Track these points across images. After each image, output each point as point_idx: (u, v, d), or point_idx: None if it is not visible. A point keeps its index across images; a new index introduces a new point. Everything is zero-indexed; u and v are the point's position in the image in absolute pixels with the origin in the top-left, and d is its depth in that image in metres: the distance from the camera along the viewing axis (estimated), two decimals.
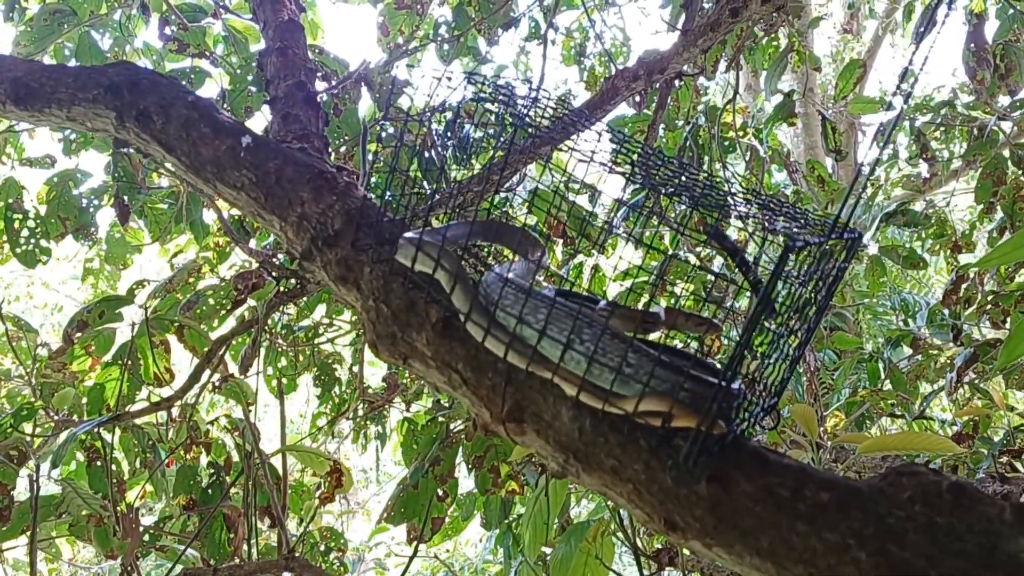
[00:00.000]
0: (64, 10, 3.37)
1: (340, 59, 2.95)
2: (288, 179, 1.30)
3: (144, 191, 3.35)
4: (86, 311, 2.43)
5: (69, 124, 1.56)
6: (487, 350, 1.03)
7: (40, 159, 3.40)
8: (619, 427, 0.96)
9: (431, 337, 1.08)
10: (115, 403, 2.51)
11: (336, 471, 2.23)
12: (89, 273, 4.18)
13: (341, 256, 1.18)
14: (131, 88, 1.47)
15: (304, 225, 1.24)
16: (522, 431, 1.01)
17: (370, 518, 8.45)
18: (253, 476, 2.12)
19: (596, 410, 0.96)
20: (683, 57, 2.29)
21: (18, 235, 3.29)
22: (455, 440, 2.20)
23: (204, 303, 2.92)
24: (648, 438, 0.94)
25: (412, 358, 1.11)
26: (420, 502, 2.08)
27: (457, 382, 1.06)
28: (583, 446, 0.97)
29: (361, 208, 1.21)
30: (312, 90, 1.71)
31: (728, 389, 0.88)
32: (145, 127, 1.44)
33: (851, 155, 7.78)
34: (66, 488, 2.36)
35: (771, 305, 0.81)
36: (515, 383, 1.02)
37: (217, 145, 1.37)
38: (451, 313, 1.07)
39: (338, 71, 2.91)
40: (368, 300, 1.13)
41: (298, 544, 2.61)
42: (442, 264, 1.04)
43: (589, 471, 0.97)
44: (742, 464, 0.90)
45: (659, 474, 0.92)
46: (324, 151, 1.49)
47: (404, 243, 1.09)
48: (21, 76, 1.57)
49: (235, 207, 1.38)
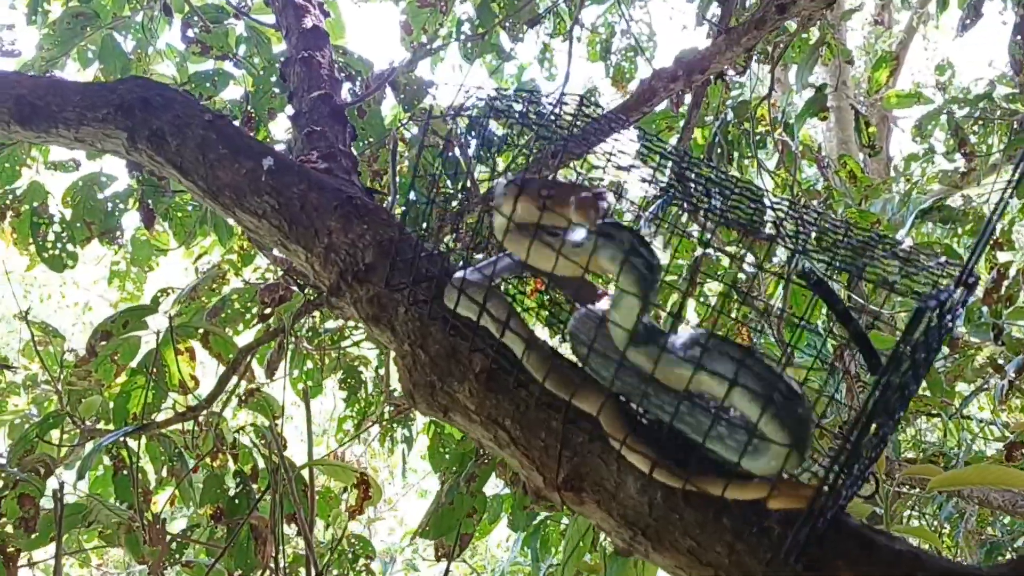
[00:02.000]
0: (87, 13, 3.35)
1: (364, 59, 2.90)
2: (314, 206, 1.19)
3: (169, 194, 3.33)
4: (110, 321, 2.40)
5: (78, 145, 1.47)
6: (538, 405, 0.92)
7: (65, 163, 3.39)
8: (696, 502, 0.84)
9: (474, 388, 0.97)
10: (140, 411, 2.48)
11: (363, 483, 2.18)
12: (115, 276, 4.18)
13: (373, 294, 1.07)
14: (143, 106, 1.37)
15: (332, 257, 1.13)
16: (580, 501, 0.90)
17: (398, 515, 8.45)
18: (280, 489, 2.08)
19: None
20: (725, 56, 2.19)
21: (44, 239, 3.29)
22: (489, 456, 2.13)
23: (229, 307, 2.89)
24: (732, 518, 0.82)
25: (453, 411, 1.00)
26: (455, 518, 2.02)
27: (504, 441, 0.95)
28: (653, 522, 0.86)
29: (394, 240, 1.11)
30: (338, 102, 1.61)
31: (848, 473, 0.77)
32: (159, 149, 1.34)
33: (884, 150, 7.62)
34: (91, 500, 2.33)
35: (896, 374, 0.71)
36: (572, 446, 0.91)
37: (237, 168, 1.27)
38: (497, 363, 0.96)
39: (363, 71, 2.85)
40: (404, 344, 1.02)
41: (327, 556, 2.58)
42: (489, 311, 0.94)
43: (660, 551, 0.86)
44: (844, 549, 0.78)
45: (746, 559, 0.80)
46: (353, 171, 1.39)
47: (450, 287, 1.00)
48: (26, 94, 1.48)
49: (256, 236, 1.28)
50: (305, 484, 2.37)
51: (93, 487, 3.05)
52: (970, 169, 4.51)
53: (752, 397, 0.80)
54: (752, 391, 0.80)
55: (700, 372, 0.82)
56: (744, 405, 0.81)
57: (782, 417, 0.79)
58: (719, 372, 0.82)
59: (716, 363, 0.82)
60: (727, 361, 0.82)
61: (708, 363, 0.82)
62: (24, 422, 2.90)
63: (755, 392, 0.80)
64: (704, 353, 0.83)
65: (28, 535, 2.42)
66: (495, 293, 0.97)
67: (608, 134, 1.00)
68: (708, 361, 0.82)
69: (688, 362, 0.83)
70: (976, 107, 4.51)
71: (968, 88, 6.36)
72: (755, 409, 0.80)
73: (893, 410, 0.81)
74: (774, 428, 0.79)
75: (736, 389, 0.81)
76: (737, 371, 0.80)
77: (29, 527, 2.44)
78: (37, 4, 3.69)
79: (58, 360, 2.91)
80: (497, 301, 0.96)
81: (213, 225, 3.41)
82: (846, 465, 0.75)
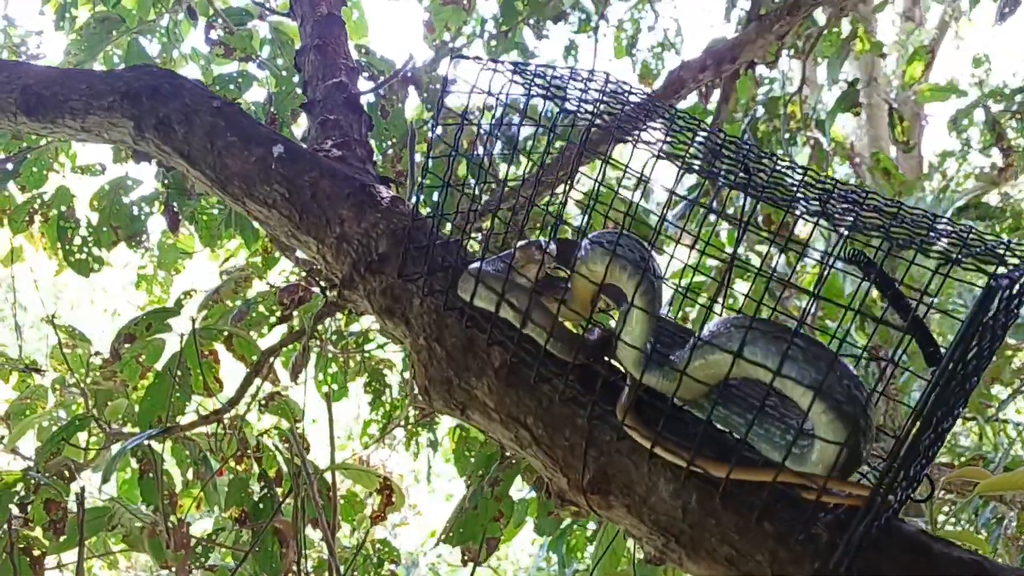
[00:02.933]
0: (113, 17, 3.37)
1: (387, 59, 2.88)
2: (326, 194, 1.14)
3: (194, 198, 3.34)
4: (133, 323, 2.40)
5: (84, 136, 1.43)
6: (562, 401, 0.85)
7: (91, 167, 3.41)
8: (735, 506, 0.77)
9: (494, 384, 0.90)
10: (166, 414, 2.47)
11: (387, 488, 2.15)
12: (143, 279, 4.22)
13: (387, 285, 1.02)
14: (151, 94, 1.32)
15: (344, 248, 1.08)
16: (608, 505, 0.84)
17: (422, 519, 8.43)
18: (303, 494, 2.05)
19: (704, 483, 0.78)
20: (756, 45, 2.13)
21: (71, 244, 3.31)
22: (514, 459, 2.08)
23: (254, 310, 2.88)
24: (776, 523, 0.75)
25: (471, 408, 0.94)
26: (480, 523, 1.98)
27: (526, 440, 0.89)
28: (688, 528, 0.79)
29: (409, 229, 1.06)
30: (354, 91, 1.57)
31: (904, 473, 0.71)
32: (166, 137, 1.30)
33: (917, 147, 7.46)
34: (115, 504, 2.33)
35: (961, 363, 0.64)
36: (598, 444, 0.84)
37: (246, 156, 1.22)
38: (518, 356, 0.90)
39: (385, 71, 2.83)
40: (419, 338, 0.97)
41: (351, 560, 2.55)
42: (510, 301, 0.88)
43: (696, 559, 0.79)
44: (898, 558, 0.72)
45: (790, 568, 0.73)
46: (368, 160, 1.34)
47: (465, 277, 0.94)
48: (32, 84, 1.45)
49: (267, 227, 1.23)
50: (328, 488, 2.34)
51: (121, 490, 3.06)
52: (1008, 165, 4.38)
53: (802, 382, 0.72)
54: (802, 376, 0.72)
55: (740, 360, 0.75)
56: (795, 394, 0.73)
57: (838, 407, 0.71)
58: (760, 359, 0.74)
59: (759, 347, 0.75)
60: (772, 343, 0.74)
61: (750, 348, 0.74)
62: (52, 424, 2.91)
63: (806, 377, 0.72)
64: (747, 334, 0.75)
65: (57, 538, 2.43)
66: (514, 283, 0.91)
67: (638, 112, 0.95)
68: (750, 346, 0.74)
69: (726, 351, 0.75)
70: (1013, 101, 4.40)
71: (1005, 83, 6.21)
72: (806, 397, 0.72)
73: (954, 404, 0.75)
74: (828, 420, 0.71)
75: (785, 375, 0.73)
76: (784, 353, 0.72)
77: (58, 530, 2.44)
78: (65, 10, 3.73)
79: (85, 363, 2.92)
80: (518, 291, 0.91)
81: (239, 228, 3.41)
82: (903, 464, 0.69)
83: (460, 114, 0.90)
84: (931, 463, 0.79)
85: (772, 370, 0.73)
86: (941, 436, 0.78)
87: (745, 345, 0.74)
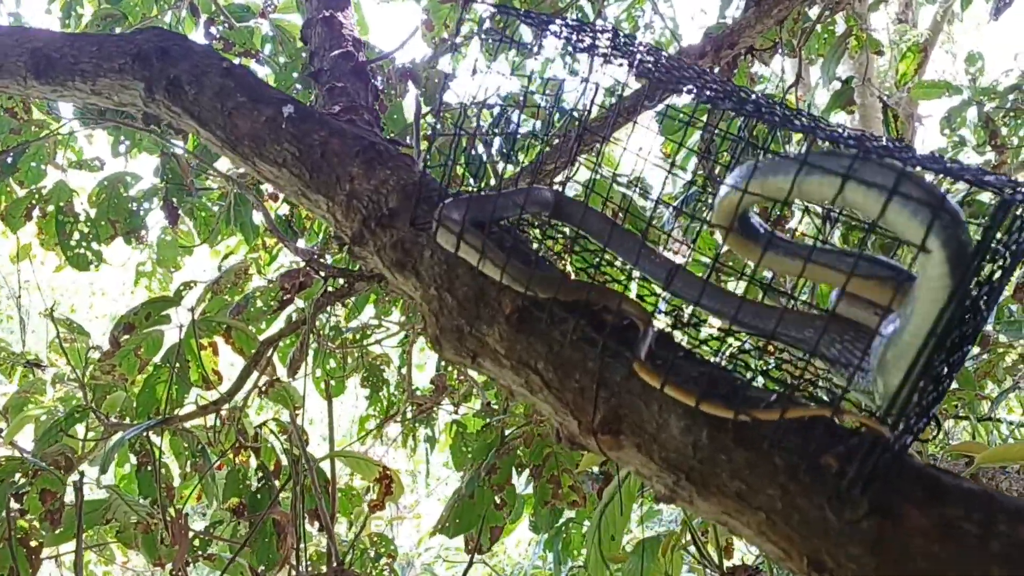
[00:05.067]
0: (116, 14, 3.38)
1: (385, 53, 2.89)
2: (335, 152, 1.14)
3: (195, 194, 3.35)
4: (132, 313, 2.40)
5: (95, 99, 1.42)
6: (573, 345, 0.85)
7: (89, 162, 3.42)
8: (745, 441, 0.77)
9: (505, 331, 0.91)
10: (164, 406, 2.48)
11: (386, 478, 2.16)
12: (142, 276, 4.22)
13: (397, 239, 1.03)
14: (161, 56, 1.33)
15: (354, 204, 1.08)
16: (619, 445, 0.83)
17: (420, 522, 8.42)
18: (301, 482, 2.06)
19: (715, 419, 0.78)
20: (755, 30, 2.14)
21: (69, 239, 3.31)
22: (511, 447, 2.09)
23: (252, 304, 2.88)
24: (785, 455, 0.75)
25: (482, 356, 0.95)
26: (477, 512, 1.98)
27: (537, 385, 0.89)
28: (698, 464, 0.79)
29: (419, 182, 1.06)
30: (360, 60, 1.59)
31: (916, 402, 0.70)
32: (176, 98, 1.30)
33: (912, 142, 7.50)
34: (112, 495, 2.33)
35: (978, 277, 0.64)
36: (609, 386, 0.84)
37: (256, 116, 1.23)
38: (529, 300, 0.89)
39: (384, 66, 2.85)
40: (429, 289, 0.97)
41: (348, 552, 2.55)
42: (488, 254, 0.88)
43: (706, 496, 0.79)
44: (909, 489, 0.71)
45: (800, 501, 0.73)
46: (375, 124, 1.36)
47: (445, 220, 0.93)
48: (42, 47, 1.45)
49: (277, 186, 1.23)
50: (326, 478, 2.35)
51: (120, 485, 3.06)
52: (1001, 162, 4.41)
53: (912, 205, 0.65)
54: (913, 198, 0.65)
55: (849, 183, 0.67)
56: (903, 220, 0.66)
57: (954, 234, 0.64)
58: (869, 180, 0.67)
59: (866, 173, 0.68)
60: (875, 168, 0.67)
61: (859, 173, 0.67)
62: (51, 417, 2.91)
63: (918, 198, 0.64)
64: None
65: (53, 529, 2.43)
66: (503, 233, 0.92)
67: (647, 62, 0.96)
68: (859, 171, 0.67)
69: (834, 174, 0.68)
70: (1006, 99, 4.43)
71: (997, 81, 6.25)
72: (916, 224, 0.65)
73: (965, 334, 0.75)
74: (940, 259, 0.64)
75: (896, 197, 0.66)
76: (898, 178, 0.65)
77: (55, 521, 2.44)
78: (71, 7, 3.74)
79: (82, 357, 2.92)
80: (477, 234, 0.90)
81: (239, 225, 3.41)
82: (916, 388, 0.69)
83: (460, 104, 0.91)
84: (940, 402, 0.79)
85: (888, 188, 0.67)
86: (952, 369, 0.78)
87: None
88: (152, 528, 2.42)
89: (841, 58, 3.83)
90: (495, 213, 0.96)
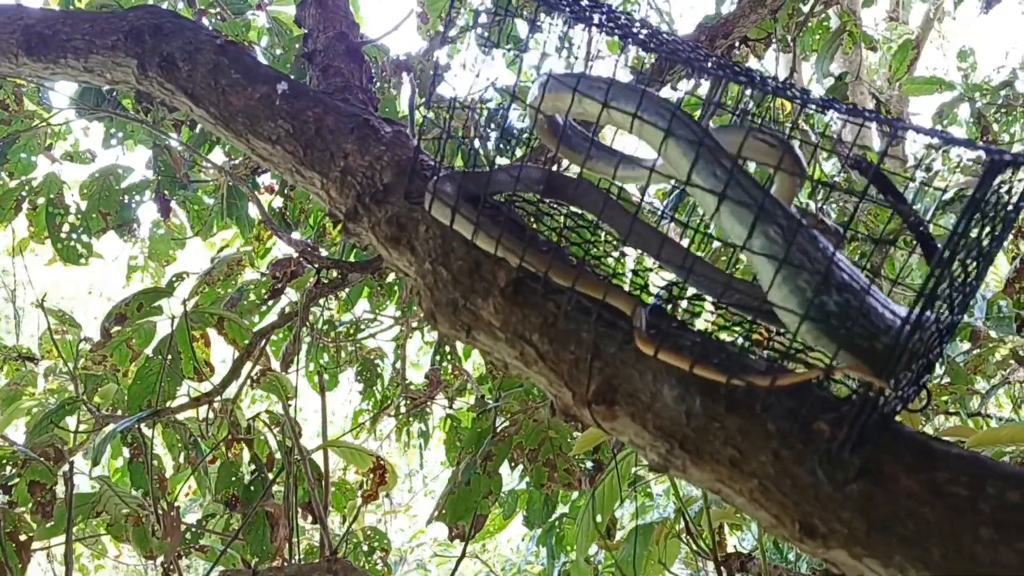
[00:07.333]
0: (111, 5, 3.36)
1: (380, 46, 2.88)
2: (329, 129, 1.14)
3: (190, 188, 3.33)
4: (124, 303, 2.39)
5: (87, 76, 1.42)
6: (568, 317, 0.86)
7: (81, 154, 3.40)
8: (738, 407, 0.78)
9: (499, 304, 0.91)
10: (156, 398, 2.46)
11: (379, 468, 2.16)
12: (134, 270, 4.20)
13: (392, 214, 1.02)
14: (153, 32, 1.33)
15: (349, 181, 1.08)
16: (613, 415, 0.84)
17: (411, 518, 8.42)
18: (294, 472, 2.05)
19: (708, 387, 0.79)
20: (750, 20, 2.15)
21: (59, 231, 3.29)
22: (506, 434, 2.09)
23: (245, 297, 2.87)
24: (778, 421, 0.76)
25: (476, 329, 0.95)
26: (472, 499, 1.98)
27: (531, 357, 0.90)
28: (692, 432, 0.80)
29: (415, 156, 1.06)
30: (354, 42, 1.59)
31: (907, 365, 0.71)
32: (169, 75, 1.30)
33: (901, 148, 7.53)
34: (103, 487, 2.31)
35: (963, 239, 0.64)
36: (603, 356, 0.85)
37: (250, 93, 1.23)
38: (524, 272, 0.90)
39: (378, 58, 2.84)
40: (424, 263, 0.97)
41: (341, 545, 2.55)
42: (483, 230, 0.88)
43: (699, 464, 0.80)
44: (899, 453, 0.72)
45: (792, 467, 0.74)
46: (370, 103, 1.36)
47: (439, 194, 0.93)
48: (34, 24, 1.44)
49: (270, 164, 1.23)
50: (319, 470, 2.35)
51: (113, 478, 3.04)
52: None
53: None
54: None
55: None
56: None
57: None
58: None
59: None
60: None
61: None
62: (42, 409, 2.89)
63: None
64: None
65: (45, 522, 2.41)
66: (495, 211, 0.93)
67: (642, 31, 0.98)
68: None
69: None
70: (998, 95, 4.45)
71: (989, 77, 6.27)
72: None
73: (956, 300, 0.76)
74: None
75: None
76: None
77: (46, 513, 2.42)
78: (68, 2, 3.71)
79: (74, 348, 2.91)
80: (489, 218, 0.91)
81: (234, 218, 3.39)
82: (907, 347, 0.69)
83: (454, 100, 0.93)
84: (930, 371, 0.80)
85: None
86: (942, 335, 0.79)
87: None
88: (143, 520, 2.40)
89: (835, 54, 3.85)
90: (489, 187, 0.96)
